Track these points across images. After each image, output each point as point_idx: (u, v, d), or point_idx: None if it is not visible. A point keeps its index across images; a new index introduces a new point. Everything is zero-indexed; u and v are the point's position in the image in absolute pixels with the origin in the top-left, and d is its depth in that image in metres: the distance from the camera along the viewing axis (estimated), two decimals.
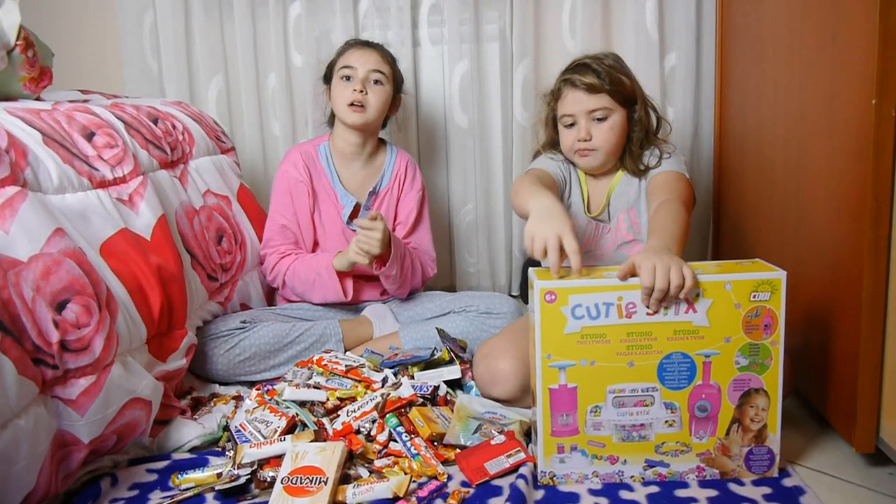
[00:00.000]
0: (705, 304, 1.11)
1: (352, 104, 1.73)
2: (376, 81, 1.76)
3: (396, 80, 1.83)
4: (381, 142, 1.90)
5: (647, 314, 1.12)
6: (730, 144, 1.92)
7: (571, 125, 1.53)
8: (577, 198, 1.58)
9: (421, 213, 1.88)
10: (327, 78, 1.85)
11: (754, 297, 1.11)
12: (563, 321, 1.12)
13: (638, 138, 1.54)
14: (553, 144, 1.62)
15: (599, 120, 1.50)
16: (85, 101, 1.67)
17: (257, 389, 1.45)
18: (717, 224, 2.07)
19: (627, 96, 1.51)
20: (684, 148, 2.09)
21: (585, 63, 1.52)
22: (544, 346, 1.14)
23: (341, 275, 1.73)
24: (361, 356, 1.59)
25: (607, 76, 1.49)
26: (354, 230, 1.82)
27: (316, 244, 1.84)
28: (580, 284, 1.12)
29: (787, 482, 1.17)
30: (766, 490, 1.15)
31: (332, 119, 1.87)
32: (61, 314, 1.09)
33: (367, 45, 1.81)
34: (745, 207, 1.78)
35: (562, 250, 1.17)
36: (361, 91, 1.73)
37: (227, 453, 1.30)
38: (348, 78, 1.76)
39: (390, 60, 1.82)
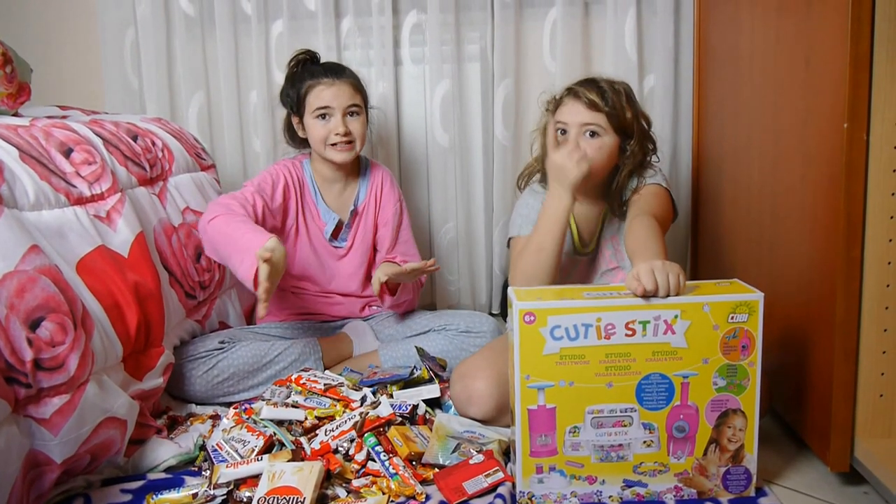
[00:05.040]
0: (683, 326, 1.12)
1: (335, 143, 1.72)
2: (354, 114, 1.73)
3: (367, 101, 1.81)
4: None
5: (626, 335, 1.13)
6: (707, 165, 1.95)
7: (564, 133, 1.52)
8: (567, 236, 1.56)
9: (401, 220, 1.87)
10: (293, 107, 1.78)
11: (732, 318, 1.12)
12: (541, 342, 1.13)
13: (626, 172, 1.54)
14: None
15: (591, 135, 1.49)
16: (63, 117, 1.67)
17: (235, 408, 1.44)
18: (695, 243, 2.09)
19: (624, 126, 1.51)
20: (663, 168, 2.11)
21: (594, 80, 1.53)
22: (523, 367, 1.14)
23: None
24: (340, 374, 1.58)
25: (611, 99, 1.49)
26: (336, 247, 1.82)
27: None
28: (559, 306, 1.13)
29: (764, 502, 1.18)
30: None
31: (302, 141, 1.84)
32: (35, 332, 1.08)
33: (336, 75, 1.74)
34: (722, 227, 1.80)
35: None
36: (347, 134, 1.71)
37: (203, 473, 1.29)
38: (324, 116, 1.72)
39: (361, 87, 1.78)
